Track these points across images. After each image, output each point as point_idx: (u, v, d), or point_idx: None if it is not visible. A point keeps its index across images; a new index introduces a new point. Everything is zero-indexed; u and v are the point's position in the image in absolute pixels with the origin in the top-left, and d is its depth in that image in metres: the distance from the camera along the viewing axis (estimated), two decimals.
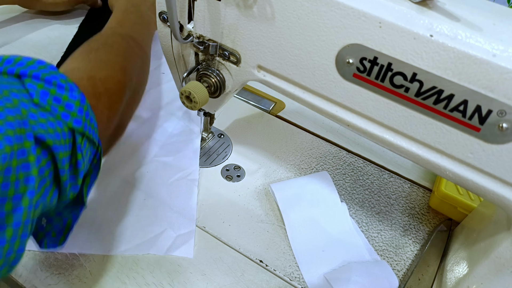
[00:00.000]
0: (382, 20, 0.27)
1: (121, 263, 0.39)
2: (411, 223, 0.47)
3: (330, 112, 0.34)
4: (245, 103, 0.61)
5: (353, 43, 0.29)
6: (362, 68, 0.30)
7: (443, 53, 0.26)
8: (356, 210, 0.47)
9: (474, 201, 0.45)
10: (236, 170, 0.50)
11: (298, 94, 0.35)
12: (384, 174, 0.52)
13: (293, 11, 0.31)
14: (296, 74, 0.34)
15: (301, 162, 0.52)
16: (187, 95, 0.38)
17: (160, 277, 0.39)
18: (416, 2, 0.27)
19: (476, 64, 0.25)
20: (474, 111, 0.27)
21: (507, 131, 0.26)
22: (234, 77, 0.39)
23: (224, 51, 0.37)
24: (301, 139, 0.56)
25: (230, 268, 0.40)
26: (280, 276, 0.40)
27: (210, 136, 0.54)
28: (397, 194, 0.50)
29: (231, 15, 0.34)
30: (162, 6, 0.37)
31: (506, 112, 0.26)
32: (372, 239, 0.44)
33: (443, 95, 0.27)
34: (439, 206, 0.47)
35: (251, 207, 0.46)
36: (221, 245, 0.42)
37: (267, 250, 0.42)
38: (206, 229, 0.43)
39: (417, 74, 0.28)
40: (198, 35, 0.37)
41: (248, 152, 0.53)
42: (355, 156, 0.54)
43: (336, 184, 0.49)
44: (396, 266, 0.42)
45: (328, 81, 0.32)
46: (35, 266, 0.38)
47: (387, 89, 0.30)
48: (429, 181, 0.52)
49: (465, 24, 0.26)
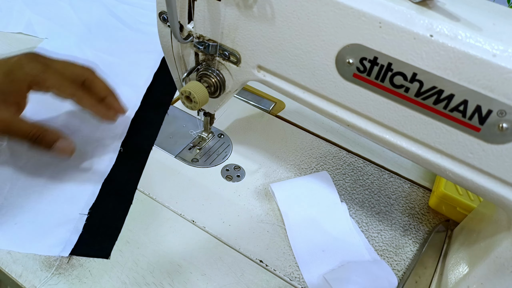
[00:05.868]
0: (382, 20, 0.27)
1: (121, 263, 0.39)
2: (411, 223, 0.47)
3: (330, 112, 0.34)
4: (245, 103, 0.61)
5: (353, 43, 0.29)
6: (362, 68, 0.30)
7: (443, 53, 0.26)
8: (356, 210, 0.47)
9: (473, 201, 0.45)
10: (236, 170, 0.50)
11: (298, 94, 0.35)
12: (384, 174, 0.52)
13: (293, 11, 0.31)
14: (296, 74, 0.34)
15: (301, 162, 0.52)
16: (187, 95, 0.38)
17: (160, 277, 0.39)
18: (416, 2, 0.27)
19: (476, 64, 0.25)
20: (474, 111, 0.27)
21: (507, 131, 0.26)
22: (234, 77, 0.39)
23: (224, 51, 0.37)
24: (301, 139, 0.56)
25: (230, 268, 0.40)
26: (280, 276, 0.40)
27: (210, 136, 0.54)
28: (397, 194, 0.50)
29: (231, 15, 0.34)
30: (162, 6, 0.37)
31: (506, 112, 0.26)
32: (372, 239, 0.44)
33: (443, 95, 0.27)
34: (439, 206, 0.47)
35: (251, 207, 0.46)
36: (221, 245, 0.42)
37: (267, 250, 0.42)
38: (206, 229, 0.43)
39: (417, 74, 0.28)
40: (198, 35, 0.37)
41: (248, 152, 0.53)
42: (355, 156, 0.54)
43: (336, 184, 0.49)
44: (396, 266, 0.42)
45: (328, 81, 0.32)
46: (35, 266, 0.38)
47: (387, 89, 0.30)
48: (429, 181, 0.52)
49: (465, 24, 0.26)
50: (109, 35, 0.70)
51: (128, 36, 0.71)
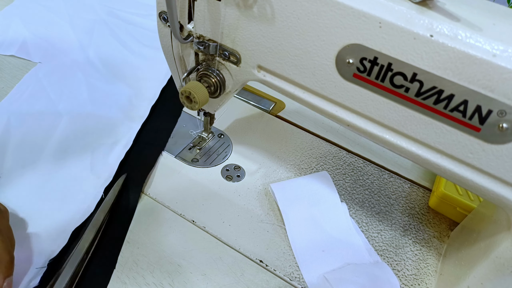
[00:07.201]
0: (382, 20, 0.27)
1: (121, 263, 0.39)
2: (411, 223, 0.47)
3: (330, 112, 0.34)
4: (245, 103, 0.61)
5: (353, 43, 0.29)
6: (362, 68, 0.30)
7: (443, 53, 0.26)
8: (356, 210, 0.47)
9: (473, 201, 0.45)
10: (236, 170, 0.50)
11: (298, 94, 0.35)
12: (384, 174, 0.52)
13: (293, 11, 0.31)
14: (296, 74, 0.34)
15: (301, 162, 0.52)
16: (187, 95, 0.38)
17: (160, 277, 0.39)
18: (416, 2, 0.27)
19: (476, 64, 0.25)
20: (474, 111, 0.27)
21: (507, 131, 0.26)
22: (234, 77, 0.39)
23: (224, 51, 0.37)
24: (301, 139, 0.56)
25: (230, 268, 0.40)
26: (280, 276, 0.40)
27: (210, 136, 0.54)
28: (397, 194, 0.50)
29: (231, 15, 0.34)
30: (162, 6, 0.37)
31: (506, 112, 0.26)
32: (372, 239, 0.44)
33: (443, 95, 0.27)
34: (439, 206, 0.47)
35: (251, 207, 0.46)
36: (221, 245, 0.42)
37: (267, 250, 0.42)
38: (206, 229, 0.43)
39: (417, 74, 0.28)
40: (198, 35, 0.37)
41: (248, 152, 0.53)
42: (355, 156, 0.54)
43: (336, 184, 0.49)
44: (396, 266, 0.42)
45: (328, 81, 0.32)
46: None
47: (387, 89, 0.30)
48: (429, 181, 0.52)
49: (465, 24, 0.26)
50: (108, 60, 0.65)
51: (128, 61, 0.66)
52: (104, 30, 0.71)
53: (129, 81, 0.62)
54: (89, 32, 0.70)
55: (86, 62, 0.64)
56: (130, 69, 0.64)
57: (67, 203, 0.44)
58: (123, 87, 0.60)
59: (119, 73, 0.63)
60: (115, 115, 0.55)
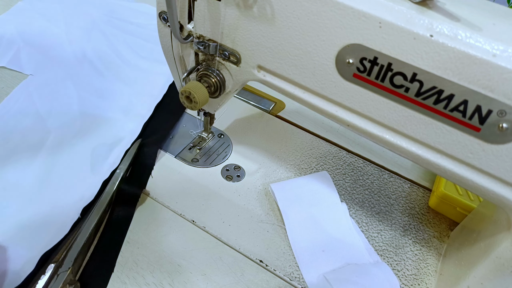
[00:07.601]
0: (382, 20, 0.27)
1: (121, 263, 0.39)
2: (411, 223, 0.47)
3: (330, 112, 0.34)
4: (245, 103, 0.61)
5: (353, 43, 0.29)
6: (362, 68, 0.30)
7: (443, 53, 0.26)
8: (356, 210, 0.47)
9: (473, 201, 0.45)
10: (236, 170, 0.50)
11: (298, 94, 0.35)
12: (384, 174, 0.52)
13: (293, 11, 0.31)
14: (296, 74, 0.34)
15: (301, 162, 0.52)
16: (187, 95, 0.38)
17: (160, 277, 0.39)
18: (416, 2, 0.27)
19: (476, 64, 0.25)
20: (474, 111, 0.27)
21: (507, 131, 0.26)
22: (234, 77, 0.39)
23: (224, 51, 0.37)
24: (301, 139, 0.56)
25: (230, 268, 0.40)
26: (280, 276, 0.40)
27: (210, 136, 0.54)
28: (397, 194, 0.50)
29: (231, 15, 0.34)
30: (162, 6, 0.37)
31: (506, 112, 0.26)
32: (372, 239, 0.44)
33: (443, 95, 0.27)
34: (439, 206, 0.47)
35: (251, 207, 0.46)
36: (221, 245, 0.42)
37: (267, 250, 0.42)
38: (206, 229, 0.43)
39: (417, 74, 0.28)
40: (198, 35, 0.37)
41: (248, 152, 0.53)
42: (355, 156, 0.54)
43: (336, 184, 0.49)
44: (396, 266, 0.42)
45: (328, 81, 0.32)
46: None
47: (387, 89, 0.30)
48: (429, 181, 0.52)
49: (465, 24, 0.26)
50: (102, 72, 0.63)
51: (123, 73, 0.63)
52: (101, 40, 0.69)
53: (123, 96, 0.59)
54: (84, 42, 0.68)
55: (80, 74, 0.62)
56: (124, 84, 0.62)
57: (67, 194, 0.45)
58: (115, 102, 0.58)
59: (112, 87, 0.61)
60: (105, 132, 0.53)
